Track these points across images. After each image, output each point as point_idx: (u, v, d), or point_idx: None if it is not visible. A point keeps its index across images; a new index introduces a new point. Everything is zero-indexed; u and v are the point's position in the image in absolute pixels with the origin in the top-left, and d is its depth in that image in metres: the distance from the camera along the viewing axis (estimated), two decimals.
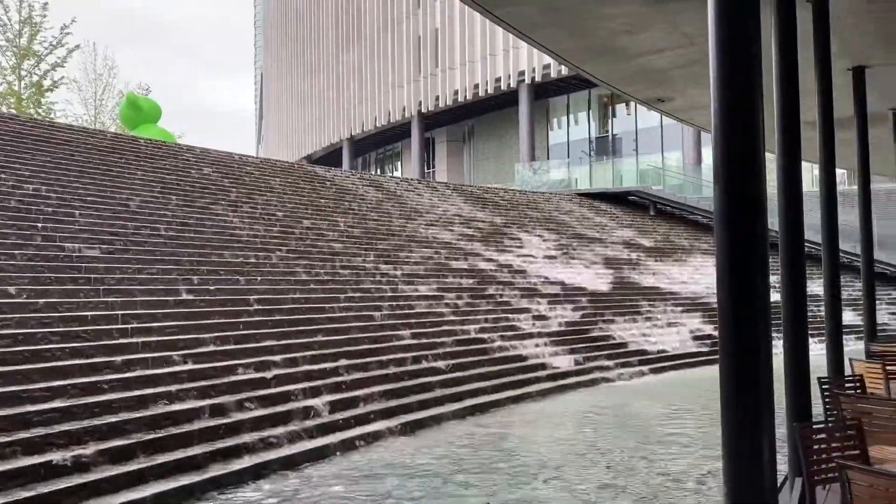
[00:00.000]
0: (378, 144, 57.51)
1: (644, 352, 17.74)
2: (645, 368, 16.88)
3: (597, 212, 31.85)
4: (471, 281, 18.38)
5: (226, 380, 9.98)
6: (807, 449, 4.34)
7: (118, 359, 9.42)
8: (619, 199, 34.59)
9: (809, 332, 6.23)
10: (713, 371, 3.26)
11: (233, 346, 11.00)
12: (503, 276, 19.68)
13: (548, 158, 43.69)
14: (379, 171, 57.64)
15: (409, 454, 9.52)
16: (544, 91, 43.05)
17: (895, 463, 4.50)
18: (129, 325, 10.34)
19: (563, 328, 17.41)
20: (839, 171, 24.19)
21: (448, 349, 13.99)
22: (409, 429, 10.70)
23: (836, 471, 3.46)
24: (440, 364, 13.19)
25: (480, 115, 47.81)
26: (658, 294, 22.30)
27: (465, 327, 15.39)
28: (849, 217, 14.23)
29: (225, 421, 9.06)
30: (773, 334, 3.07)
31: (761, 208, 2.88)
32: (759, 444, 2.79)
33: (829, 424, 4.94)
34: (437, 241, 20.94)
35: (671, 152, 39.93)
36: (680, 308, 21.53)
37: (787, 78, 6.18)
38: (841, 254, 22.89)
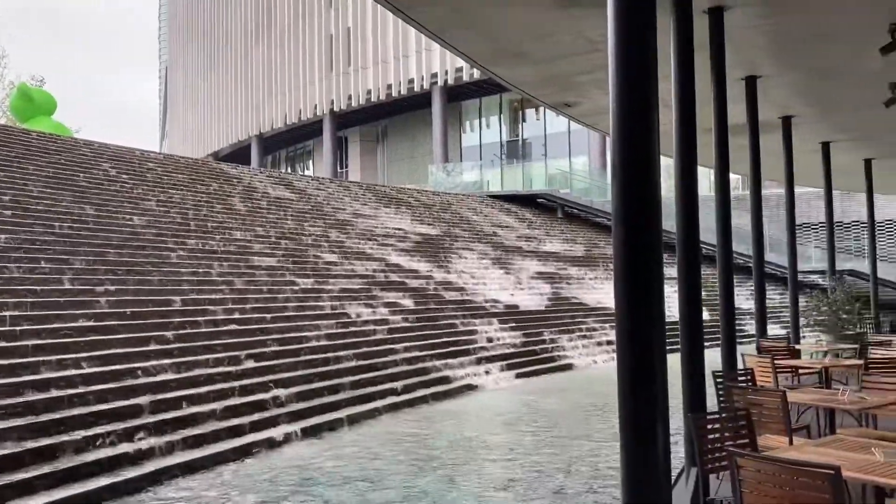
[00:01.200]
0: (289, 142, 56.51)
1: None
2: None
3: (507, 212, 32.36)
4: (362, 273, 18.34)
5: (124, 384, 9.59)
6: (701, 438, 4.55)
7: (5, 362, 8.90)
8: (528, 201, 35.27)
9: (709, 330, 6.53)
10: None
11: (130, 350, 10.58)
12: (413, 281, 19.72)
13: (461, 160, 44.08)
14: (290, 169, 56.62)
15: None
16: (457, 94, 43.43)
17: (782, 450, 4.76)
18: (17, 328, 9.78)
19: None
20: (734, 177, 25.47)
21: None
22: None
23: (727, 458, 3.64)
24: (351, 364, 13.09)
25: (394, 115, 47.75)
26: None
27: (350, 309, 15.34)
28: (742, 220, 14.93)
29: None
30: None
31: (656, 208, 3.00)
32: (654, 434, 2.90)
33: (723, 415, 5.18)
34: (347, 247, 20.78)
35: (578, 157, 41.08)
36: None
37: (684, 85, 6.46)
38: (735, 255, 24.06)
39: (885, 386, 6.40)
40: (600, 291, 23.72)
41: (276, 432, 10.03)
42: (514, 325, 18.61)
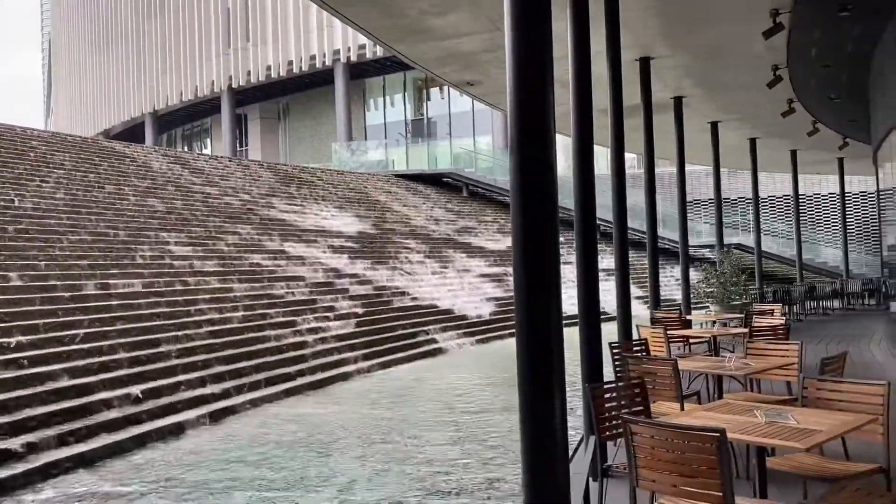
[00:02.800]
0: (185, 120, 54.31)
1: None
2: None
3: (414, 192, 32.36)
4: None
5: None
6: (597, 407, 4.72)
7: None
8: (434, 180, 35.38)
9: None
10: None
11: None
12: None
13: (365, 139, 43.66)
14: (186, 148, 54.50)
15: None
16: (361, 71, 42.88)
17: (673, 415, 5.00)
18: None
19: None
20: (630, 155, 26.38)
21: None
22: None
23: (622, 425, 3.78)
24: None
25: (296, 92, 46.68)
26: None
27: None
28: (637, 198, 15.46)
29: None
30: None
31: (553, 185, 3.06)
32: (551, 404, 2.98)
33: (619, 384, 5.38)
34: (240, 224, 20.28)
35: (483, 136, 41.44)
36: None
37: (580, 66, 6.59)
38: (630, 231, 25.00)
39: (767, 352, 6.81)
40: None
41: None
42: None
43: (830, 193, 32.63)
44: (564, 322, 3.25)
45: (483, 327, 19.16)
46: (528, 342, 3.03)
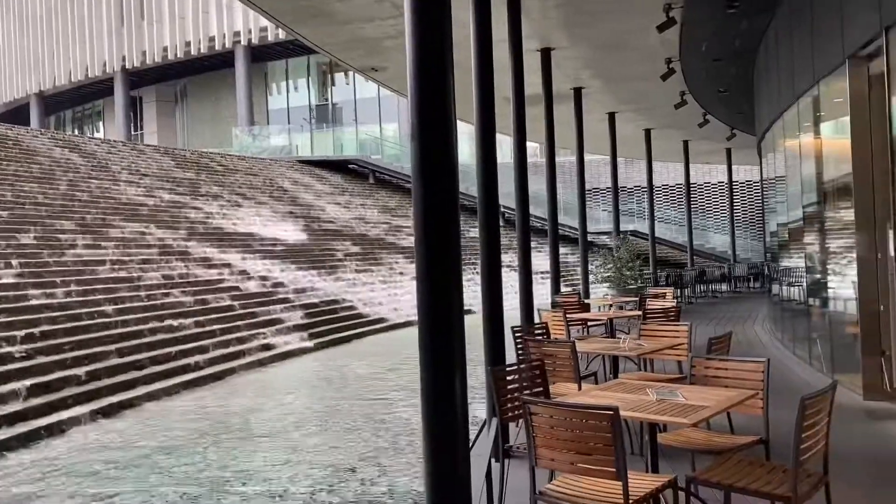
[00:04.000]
0: (75, 102, 51.41)
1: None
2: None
3: (319, 178, 31.88)
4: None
5: None
6: (499, 389, 4.81)
7: None
8: (340, 167, 34.98)
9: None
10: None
11: None
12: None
13: (268, 124, 42.61)
14: (77, 131, 51.63)
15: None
16: (263, 54, 41.76)
17: (571, 395, 5.15)
18: None
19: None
20: (533, 144, 26.88)
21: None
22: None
23: (521, 406, 3.87)
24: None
25: (194, 74, 44.96)
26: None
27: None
28: (540, 186, 15.75)
29: None
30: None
31: (453, 170, 3.08)
32: (452, 388, 3.02)
33: (520, 367, 5.50)
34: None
35: (389, 123, 41.24)
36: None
37: (482, 54, 6.65)
38: (532, 218, 25.51)
39: (659, 333, 7.12)
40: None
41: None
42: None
43: (719, 182, 34.33)
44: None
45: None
46: (430, 328, 3.06)
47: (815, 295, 9.62)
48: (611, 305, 12.68)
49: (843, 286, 8.24)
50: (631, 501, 3.42)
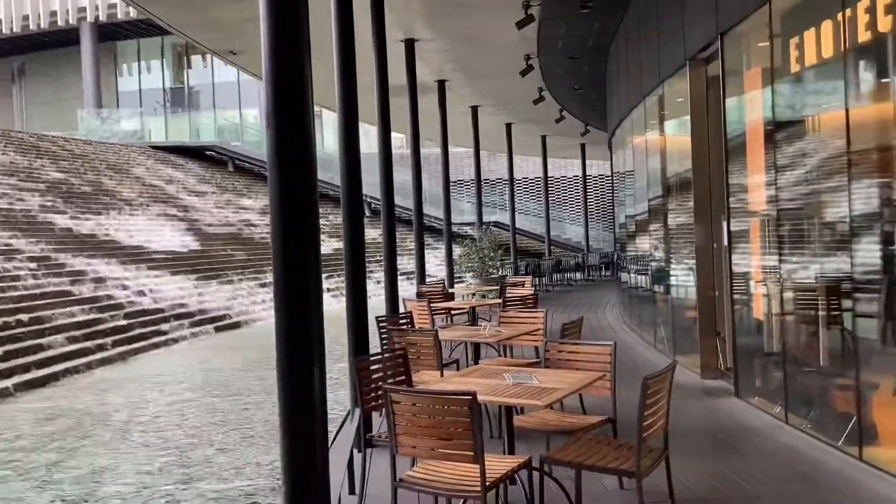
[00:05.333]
0: None
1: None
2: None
3: (173, 165, 30.38)
4: None
5: None
6: (361, 379, 4.80)
7: None
8: (197, 153, 33.50)
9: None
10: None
11: None
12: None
13: (118, 107, 40.06)
14: None
15: None
16: (111, 33, 39.16)
17: (433, 382, 5.22)
18: None
19: None
20: (401, 136, 26.94)
21: None
22: None
23: (383, 395, 3.88)
24: None
25: (34, 51, 41.46)
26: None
27: None
28: (406, 177, 15.85)
29: None
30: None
31: (311, 157, 3.03)
32: (311, 378, 2.98)
33: (384, 356, 5.51)
34: None
35: (250, 109, 39.86)
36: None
37: (344, 43, 6.57)
38: (398, 208, 25.62)
39: (517, 320, 7.37)
40: None
41: None
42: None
43: (575, 176, 35.89)
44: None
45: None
46: (287, 320, 2.99)
47: (658, 282, 10.29)
48: (473, 294, 12.97)
49: (684, 274, 8.87)
50: (488, 483, 3.52)
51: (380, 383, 4.92)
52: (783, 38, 5.94)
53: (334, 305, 14.55)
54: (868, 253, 4.97)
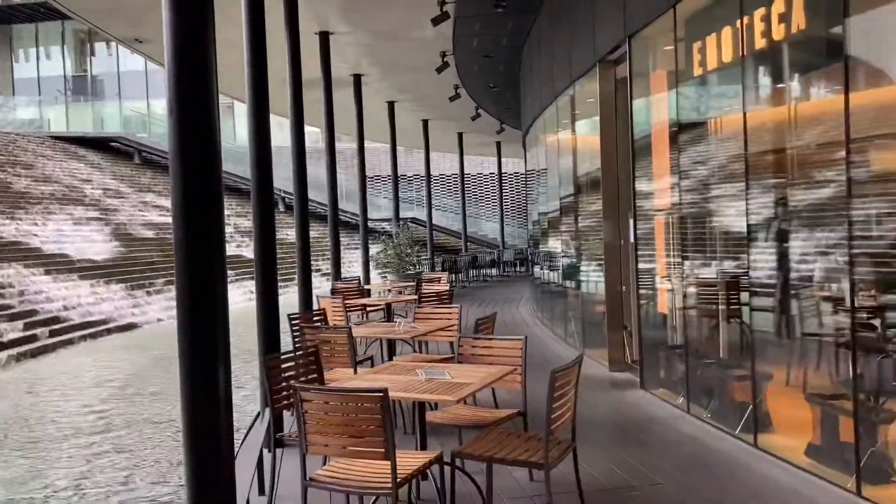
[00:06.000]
0: None
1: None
2: None
3: (76, 157, 28.97)
4: None
5: None
6: (271, 378, 4.70)
7: None
8: (100, 144, 32.06)
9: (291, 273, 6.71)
10: None
11: None
12: None
13: (13, 94, 37.84)
14: None
15: None
16: (6, 16, 36.96)
17: (345, 380, 5.16)
18: None
19: None
20: (315, 129, 26.56)
21: None
22: None
23: (292, 394, 3.81)
24: None
25: None
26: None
27: None
28: (322, 171, 15.68)
29: None
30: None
31: (215, 148, 2.94)
32: (215, 377, 2.89)
33: (296, 354, 5.41)
34: None
35: (158, 99, 38.36)
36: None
37: (255, 33, 6.39)
38: (313, 203, 25.29)
39: (432, 316, 7.37)
40: None
41: None
42: None
43: (491, 173, 36.31)
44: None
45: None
46: (190, 318, 2.89)
47: (569, 278, 10.53)
48: (390, 291, 12.93)
49: (593, 270, 9.10)
50: (399, 479, 3.51)
51: (292, 382, 4.83)
52: (687, 42, 6.17)
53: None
54: (764, 250, 5.23)
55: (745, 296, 5.41)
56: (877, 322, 4.44)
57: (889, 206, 4.14)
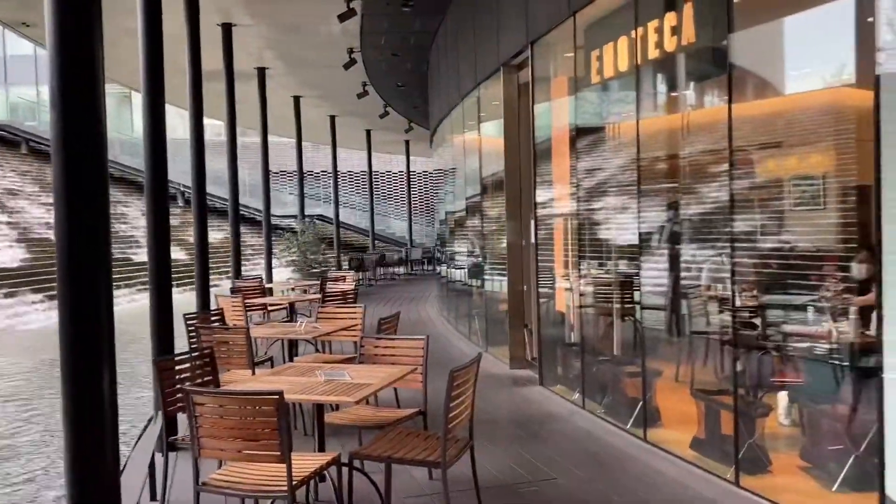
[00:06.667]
0: None
1: None
2: None
3: None
4: None
5: None
6: (163, 381, 4.54)
7: None
8: None
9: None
10: None
11: None
12: None
13: None
14: None
15: None
16: None
17: (243, 381, 5.05)
18: None
19: None
20: (218, 122, 25.84)
21: None
22: None
23: (184, 397, 3.70)
24: None
25: None
26: None
27: None
28: (224, 165, 15.26)
29: None
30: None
31: (100, 139, 2.81)
32: (98, 380, 2.77)
33: (192, 355, 5.24)
34: None
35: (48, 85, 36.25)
36: None
37: (151, 21, 6.15)
38: (217, 199, 24.59)
39: (336, 316, 7.30)
40: None
41: None
42: None
43: (399, 171, 36.27)
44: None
45: None
46: (72, 316, 2.76)
47: (474, 277, 10.67)
48: (293, 289, 12.72)
49: (496, 269, 9.26)
50: (295, 482, 3.46)
51: (183, 385, 4.69)
52: (586, 50, 6.36)
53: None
54: (655, 252, 5.47)
55: (637, 295, 5.63)
56: (757, 321, 4.72)
57: (769, 211, 4.41)
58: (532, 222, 7.72)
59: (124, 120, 32.76)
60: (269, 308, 10.14)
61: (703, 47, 4.92)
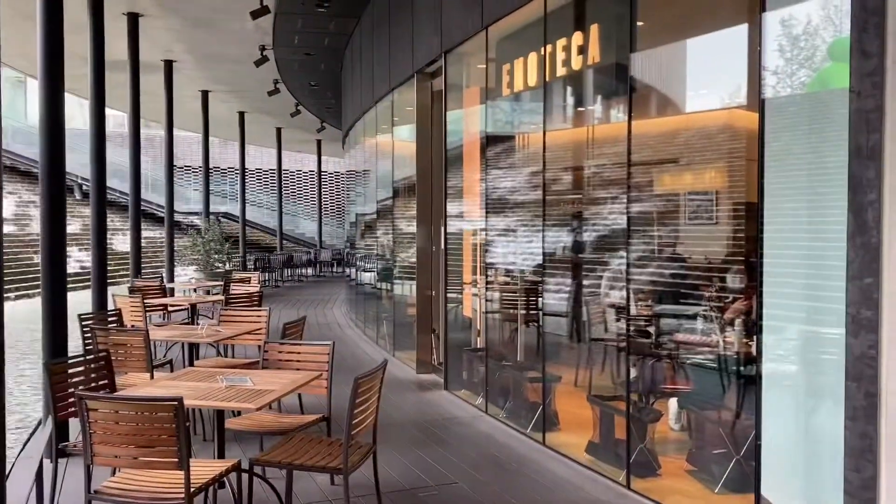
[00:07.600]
0: None
1: None
2: None
3: None
4: None
5: None
6: (54, 385, 4.35)
7: None
8: None
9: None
10: None
11: None
12: None
13: None
14: None
15: None
16: None
17: (141, 386, 4.89)
18: None
19: None
20: (122, 114, 24.77)
21: None
22: None
23: (77, 402, 3.56)
24: None
25: None
26: None
27: None
28: (126, 158, 14.70)
29: None
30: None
31: None
32: None
33: (86, 358, 5.04)
34: None
35: None
36: None
37: (50, 8, 5.89)
38: (117, 193, 23.56)
39: (239, 318, 7.16)
40: None
41: None
42: None
43: (310, 171, 35.81)
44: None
45: None
46: None
47: (383, 280, 10.68)
48: (195, 290, 12.37)
49: (406, 273, 9.31)
50: (193, 489, 3.40)
51: (83, 388, 4.51)
52: (497, 62, 6.50)
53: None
54: (559, 259, 5.65)
55: (540, 302, 5.80)
56: (651, 329, 4.96)
57: (665, 224, 4.64)
58: (442, 228, 7.81)
59: (17, 107, 30.96)
60: (170, 309, 9.83)
61: (608, 65, 5.13)
